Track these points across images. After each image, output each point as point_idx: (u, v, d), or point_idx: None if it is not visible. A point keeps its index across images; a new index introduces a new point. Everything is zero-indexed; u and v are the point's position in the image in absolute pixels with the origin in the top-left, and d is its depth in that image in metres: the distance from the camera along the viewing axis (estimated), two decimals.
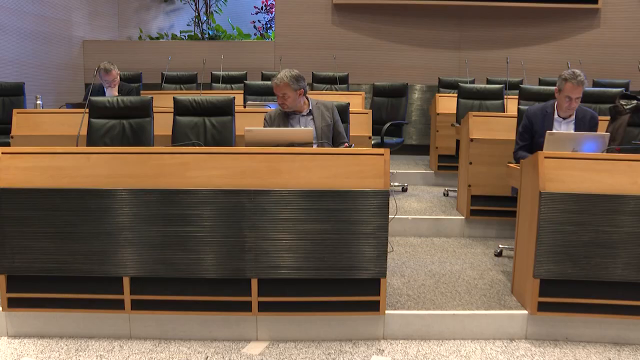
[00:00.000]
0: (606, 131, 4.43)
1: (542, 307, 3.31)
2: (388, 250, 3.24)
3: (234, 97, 4.75)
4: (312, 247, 3.19)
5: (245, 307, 3.26)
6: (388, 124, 6.17)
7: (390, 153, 3.30)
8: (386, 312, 3.31)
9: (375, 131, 6.13)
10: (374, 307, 3.25)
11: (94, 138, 4.58)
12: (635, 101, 4.51)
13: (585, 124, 4.22)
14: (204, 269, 3.22)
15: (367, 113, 5.42)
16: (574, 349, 3.28)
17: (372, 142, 5.57)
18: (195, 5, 10.94)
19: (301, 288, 3.23)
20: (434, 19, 10.04)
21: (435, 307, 3.44)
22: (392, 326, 3.34)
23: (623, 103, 4.54)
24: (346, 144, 4.13)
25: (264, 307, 3.26)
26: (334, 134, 4.17)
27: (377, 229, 3.17)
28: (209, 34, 10.78)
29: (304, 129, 3.73)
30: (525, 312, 3.38)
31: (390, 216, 3.24)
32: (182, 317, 3.33)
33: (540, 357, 3.17)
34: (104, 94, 5.56)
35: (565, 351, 3.25)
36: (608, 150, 3.76)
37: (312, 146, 3.56)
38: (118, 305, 3.30)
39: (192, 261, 3.21)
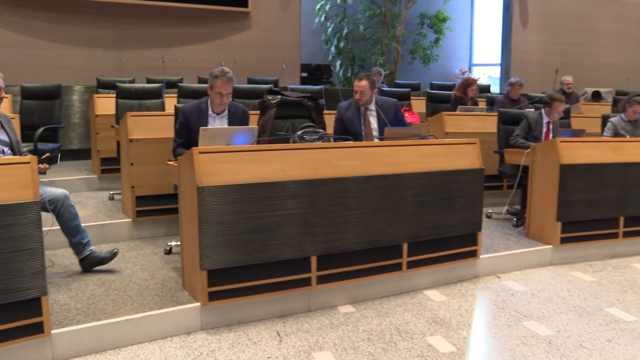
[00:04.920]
0: (257, 124, 4.76)
1: (213, 296, 3.43)
2: (47, 266, 3.00)
3: None
4: None
5: None
6: (41, 129, 5.71)
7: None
8: (52, 332, 3.06)
9: (28, 137, 5.63)
10: (38, 329, 2.98)
11: None
12: (280, 96, 4.94)
13: (237, 118, 4.47)
14: None
15: (13, 118, 4.92)
16: (247, 329, 3.48)
17: (25, 149, 5.08)
18: None
19: None
20: (90, 16, 9.60)
21: (107, 316, 3.30)
22: (61, 346, 3.09)
23: (270, 98, 4.93)
24: None
25: None
26: None
27: (31, 243, 2.90)
28: None
29: None
30: (198, 304, 3.46)
31: (46, 229, 3.00)
32: None
33: (217, 344, 3.28)
34: None
35: (239, 334, 3.42)
36: (258, 142, 4.04)
37: None
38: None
39: None
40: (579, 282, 4.53)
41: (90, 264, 4.00)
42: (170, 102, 6.45)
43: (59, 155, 3.92)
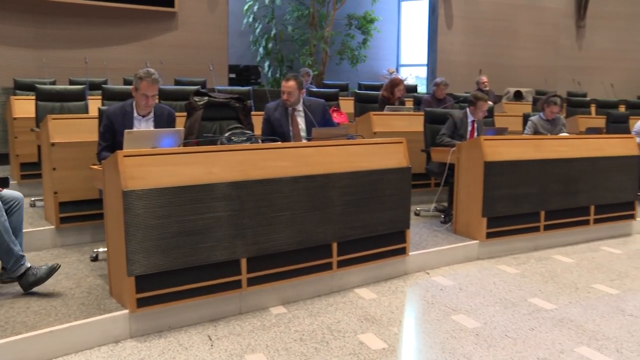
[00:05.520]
0: (184, 126, 4.69)
1: (142, 303, 3.35)
2: None
3: None
4: None
5: None
6: None
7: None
8: None
9: None
10: None
11: None
12: (207, 97, 4.88)
13: (163, 120, 4.40)
14: None
15: None
16: (177, 335, 3.42)
17: None
18: None
19: None
20: (7, 12, 9.22)
21: (28, 330, 3.15)
22: None
23: (197, 99, 4.86)
24: None
25: None
26: None
27: None
28: None
29: None
30: (126, 311, 3.37)
31: None
32: None
33: (147, 351, 3.21)
34: None
35: (169, 340, 3.36)
36: (185, 144, 3.99)
37: None
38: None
39: None
40: (504, 275, 4.69)
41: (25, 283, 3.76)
42: (94, 104, 6.26)
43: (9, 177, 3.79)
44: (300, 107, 4.97)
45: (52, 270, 3.70)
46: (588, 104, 10.52)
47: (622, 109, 10.21)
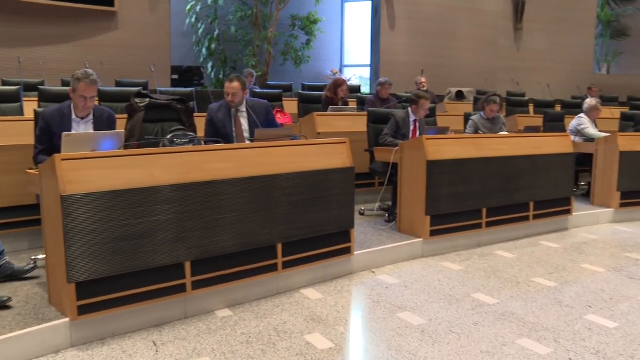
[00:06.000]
0: (125, 129, 4.60)
1: (83, 310, 3.26)
2: None
3: None
4: None
5: None
6: None
7: None
8: None
9: None
10: None
11: None
12: (148, 99, 4.79)
13: (103, 123, 4.29)
14: None
15: None
16: (121, 342, 3.35)
17: None
18: None
19: None
20: None
21: None
22: None
23: (138, 101, 4.78)
24: None
25: None
26: None
27: None
28: None
29: None
30: (67, 320, 3.27)
31: None
32: None
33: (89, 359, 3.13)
34: None
35: (113, 347, 3.28)
36: (126, 147, 3.90)
37: None
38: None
39: None
40: (448, 272, 4.78)
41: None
42: (30, 106, 6.07)
43: None
44: (243, 107, 4.96)
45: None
46: (526, 103, 10.84)
47: (558, 108, 10.56)
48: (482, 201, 5.51)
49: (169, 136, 4.15)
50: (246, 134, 4.89)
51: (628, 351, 3.36)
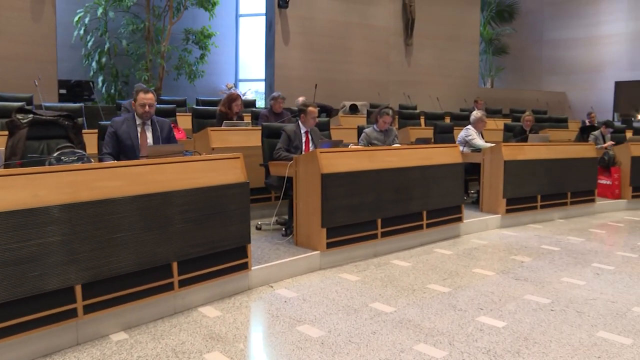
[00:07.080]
0: (6, 146, 4.35)
1: None
2: None
3: None
4: None
5: None
6: None
7: None
8: None
9: None
10: None
11: None
12: (32, 115, 4.56)
13: None
14: None
15: None
16: None
17: None
18: None
19: None
20: None
21: None
22: None
23: (20, 117, 4.53)
24: None
25: None
26: None
27: None
28: None
29: None
30: None
31: None
32: None
33: None
34: None
35: None
36: (7, 166, 3.70)
37: None
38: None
39: None
40: (346, 283, 4.86)
41: None
42: None
43: None
44: (148, 122, 4.96)
45: None
46: (418, 116, 11.29)
47: (447, 120, 11.07)
48: (377, 212, 5.66)
49: (55, 154, 3.96)
50: None
51: (515, 347, 3.57)
